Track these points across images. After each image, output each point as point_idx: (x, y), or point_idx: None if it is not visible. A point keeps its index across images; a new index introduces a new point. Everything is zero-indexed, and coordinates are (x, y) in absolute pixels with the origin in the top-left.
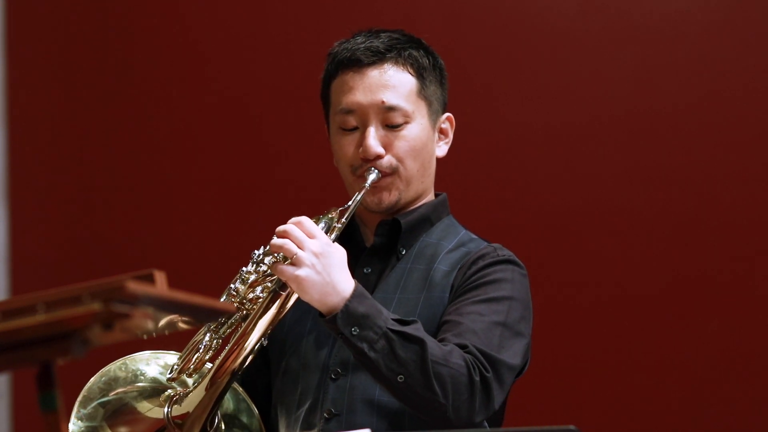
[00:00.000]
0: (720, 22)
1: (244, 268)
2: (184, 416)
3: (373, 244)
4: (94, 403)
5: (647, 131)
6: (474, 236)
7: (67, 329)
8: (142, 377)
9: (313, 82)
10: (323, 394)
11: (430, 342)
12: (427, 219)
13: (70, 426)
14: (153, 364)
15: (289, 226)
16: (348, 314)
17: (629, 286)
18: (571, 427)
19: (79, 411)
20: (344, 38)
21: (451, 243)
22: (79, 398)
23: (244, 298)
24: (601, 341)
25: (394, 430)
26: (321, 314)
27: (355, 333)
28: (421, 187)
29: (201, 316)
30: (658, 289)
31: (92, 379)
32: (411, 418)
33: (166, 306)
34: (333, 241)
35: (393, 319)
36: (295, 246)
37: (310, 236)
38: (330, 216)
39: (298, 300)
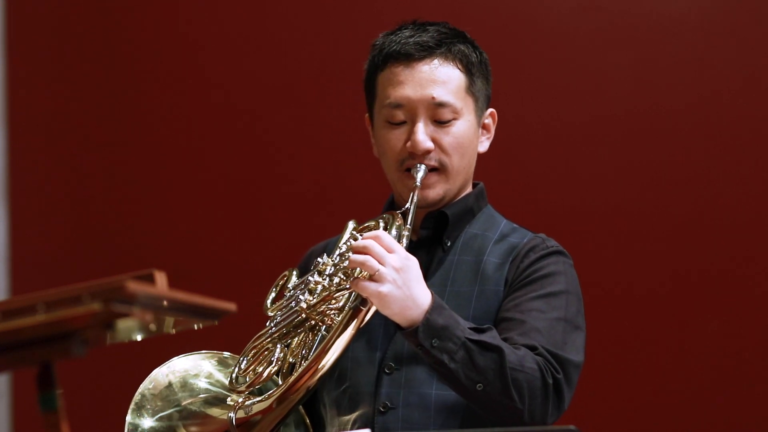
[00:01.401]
0: (720, 22)
1: (310, 277)
2: (246, 423)
3: (420, 237)
4: (168, 405)
5: (647, 131)
6: (515, 225)
7: (67, 329)
8: (208, 381)
9: (314, 82)
10: (377, 388)
11: (507, 348)
12: (470, 210)
13: (148, 421)
14: (213, 367)
15: (369, 242)
16: (428, 327)
17: (629, 286)
18: (571, 427)
19: (141, 411)
20: (389, 30)
21: (496, 234)
22: (139, 399)
23: (314, 309)
24: (601, 341)
25: (451, 424)
26: (399, 327)
27: (435, 345)
28: (463, 182)
29: (201, 316)
30: (658, 288)
31: (155, 380)
32: (467, 412)
33: (166, 306)
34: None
35: (470, 328)
36: (376, 262)
37: (390, 251)
38: (397, 223)
39: None
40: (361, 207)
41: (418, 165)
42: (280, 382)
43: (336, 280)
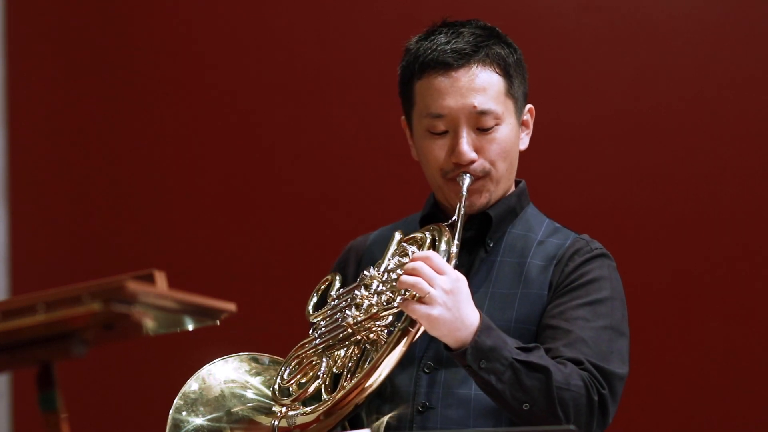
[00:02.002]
0: (720, 22)
1: (357, 291)
2: None
3: (464, 239)
4: (218, 409)
5: (647, 131)
6: (558, 225)
7: (67, 329)
8: (254, 391)
9: (314, 83)
10: (416, 388)
11: (553, 367)
12: (512, 210)
13: (198, 420)
14: (257, 375)
15: (419, 264)
16: (477, 349)
17: (629, 286)
18: (571, 427)
19: (189, 411)
20: (424, 32)
21: (539, 234)
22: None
23: (361, 325)
24: None
25: (489, 425)
26: (447, 347)
27: (483, 366)
28: (508, 184)
29: (201, 316)
30: (658, 288)
31: (204, 385)
32: (506, 414)
33: (166, 306)
34: (454, 267)
35: (517, 348)
36: (427, 284)
37: (440, 272)
38: (446, 237)
39: None
40: (361, 207)
41: (463, 174)
42: (324, 396)
43: (384, 298)
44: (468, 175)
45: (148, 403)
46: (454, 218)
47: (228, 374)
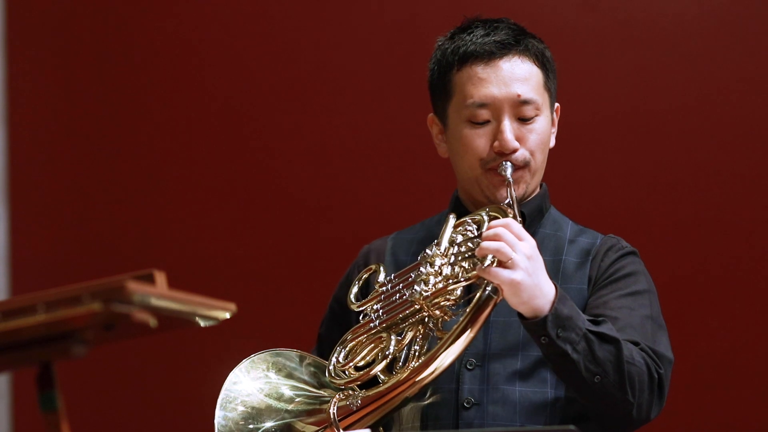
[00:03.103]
0: (720, 22)
1: (422, 269)
2: (348, 416)
3: None
4: (277, 413)
5: (647, 131)
6: (582, 227)
7: (67, 329)
8: (292, 386)
9: (314, 83)
10: (460, 384)
11: (622, 341)
12: (540, 209)
13: (267, 424)
14: (286, 369)
15: (500, 230)
16: (556, 316)
17: None
18: (571, 427)
19: (256, 420)
20: (456, 28)
21: (567, 233)
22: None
23: (429, 300)
24: None
25: (535, 422)
26: (522, 316)
27: (560, 335)
28: (539, 179)
29: (201, 316)
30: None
31: (250, 404)
32: (551, 410)
33: (166, 306)
34: None
35: (588, 320)
36: (510, 249)
37: (520, 238)
38: (510, 214)
39: None
40: (361, 207)
41: (504, 163)
42: (382, 379)
43: (455, 270)
44: (509, 164)
45: (148, 403)
46: (507, 200)
47: (255, 384)
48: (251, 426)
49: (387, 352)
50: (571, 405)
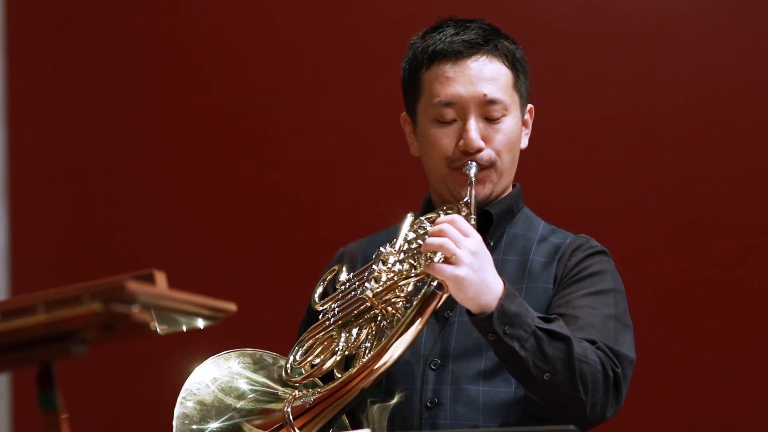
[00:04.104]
0: (720, 22)
1: (374, 266)
2: (303, 413)
3: None
4: (225, 410)
5: (646, 131)
6: (554, 227)
7: (67, 329)
8: (247, 381)
9: (314, 83)
10: (424, 384)
11: (574, 339)
12: (510, 210)
13: (212, 425)
14: (242, 367)
15: (445, 225)
16: (502, 313)
17: (629, 286)
18: (571, 427)
19: (200, 422)
20: (429, 27)
21: (537, 233)
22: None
23: (379, 297)
24: None
25: (498, 422)
26: (470, 313)
27: (507, 332)
28: (509, 180)
29: (201, 316)
30: (658, 288)
31: (196, 396)
32: (514, 409)
33: (166, 306)
34: None
35: (538, 317)
36: (454, 245)
37: (466, 235)
38: (464, 213)
39: None
40: (361, 208)
41: (469, 162)
42: (338, 375)
43: (405, 266)
44: (474, 163)
45: (148, 403)
46: (466, 199)
47: (212, 374)
48: (207, 418)
49: (336, 349)
50: (535, 404)
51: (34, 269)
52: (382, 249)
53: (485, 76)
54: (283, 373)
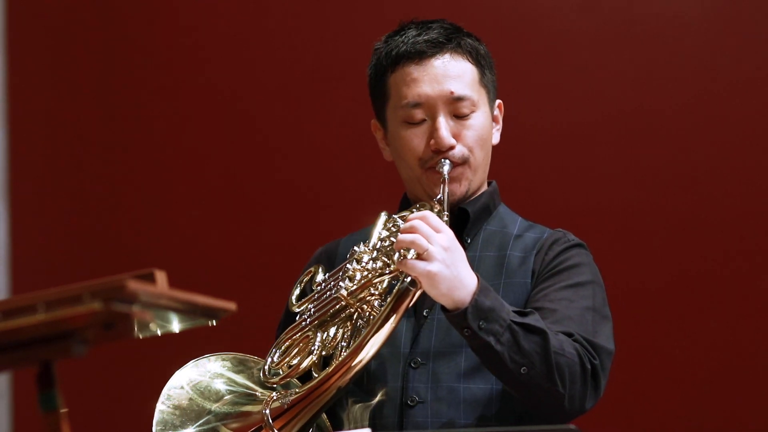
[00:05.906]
0: (720, 22)
1: (348, 266)
2: (282, 414)
3: None
4: (201, 413)
5: (646, 131)
6: (531, 222)
7: (67, 329)
8: (224, 382)
9: (313, 83)
10: (405, 383)
11: (550, 332)
12: (487, 207)
13: (189, 430)
14: (222, 369)
15: (416, 222)
16: (477, 308)
17: (629, 286)
18: (571, 426)
19: (176, 427)
20: (391, 32)
21: (515, 230)
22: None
23: (354, 295)
24: None
25: (481, 420)
26: (444, 309)
27: (482, 327)
28: (483, 176)
29: (201, 316)
30: (658, 288)
31: (172, 398)
32: (496, 406)
33: (166, 305)
34: None
35: (513, 311)
36: (426, 241)
37: (437, 231)
38: (436, 209)
39: None
40: (361, 208)
41: (442, 160)
42: (315, 375)
43: (378, 264)
44: (447, 161)
45: (148, 403)
46: (439, 196)
47: (190, 377)
48: (184, 421)
49: (313, 349)
50: (515, 399)
51: (34, 269)
52: (356, 248)
53: (450, 73)
54: (261, 374)
